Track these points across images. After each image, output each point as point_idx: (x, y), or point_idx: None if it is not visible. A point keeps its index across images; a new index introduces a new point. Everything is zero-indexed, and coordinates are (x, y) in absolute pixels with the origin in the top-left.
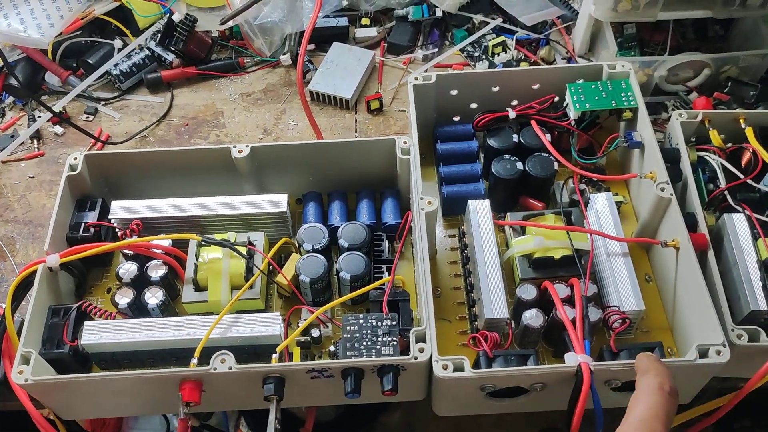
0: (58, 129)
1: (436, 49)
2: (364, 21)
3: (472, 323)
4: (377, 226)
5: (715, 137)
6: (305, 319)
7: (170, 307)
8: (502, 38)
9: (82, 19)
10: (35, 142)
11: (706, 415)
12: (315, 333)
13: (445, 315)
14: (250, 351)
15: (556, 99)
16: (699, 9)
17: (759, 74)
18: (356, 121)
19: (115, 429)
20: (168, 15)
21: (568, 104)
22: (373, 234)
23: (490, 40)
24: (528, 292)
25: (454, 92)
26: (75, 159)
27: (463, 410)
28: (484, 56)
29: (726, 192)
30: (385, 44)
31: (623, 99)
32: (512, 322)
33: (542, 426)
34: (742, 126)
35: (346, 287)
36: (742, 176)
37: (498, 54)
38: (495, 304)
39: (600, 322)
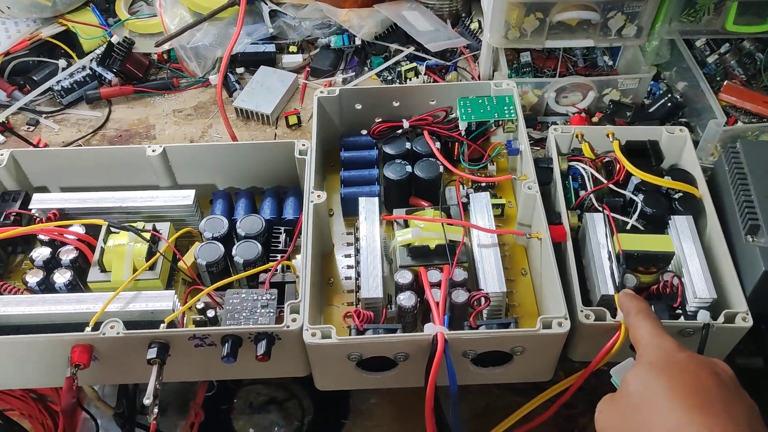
0: (0, 138)
1: (354, 73)
2: (292, 49)
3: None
4: (279, 222)
5: (587, 149)
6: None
7: (78, 288)
8: (414, 65)
9: (29, 40)
10: None
11: (561, 393)
12: (210, 313)
13: (336, 302)
14: (147, 327)
15: (452, 115)
16: (581, 38)
17: (641, 96)
18: (276, 135)
19: None
20: (109, 38)
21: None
22: (271, 227)
23: (403, 66)
24: (404, 276)
25: (358, 106)
26: (1, 155)
27: (340, 383)
28: (397, 80)
29: (592, 196)
30: (309, 69)
31: (505, 112)
32: (390, 305)
33: None
34: (610, 140)
35: (241, 271)
36: (605, 181)
37: (410, 79)
38: (371, 286)
39: (467, 303)
